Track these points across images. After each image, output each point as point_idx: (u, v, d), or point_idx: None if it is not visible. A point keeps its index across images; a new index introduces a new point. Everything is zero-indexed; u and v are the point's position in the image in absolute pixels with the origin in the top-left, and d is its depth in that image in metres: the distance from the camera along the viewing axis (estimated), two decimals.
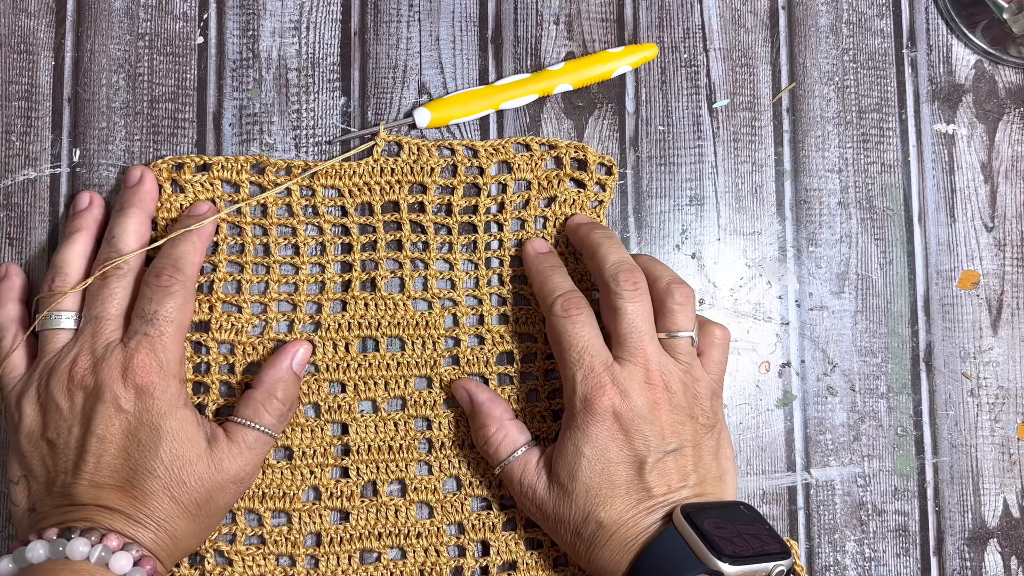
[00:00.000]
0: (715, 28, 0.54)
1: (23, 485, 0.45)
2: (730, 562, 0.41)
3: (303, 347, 0.49)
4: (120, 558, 0.40)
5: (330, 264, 0.51)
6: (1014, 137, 0.55)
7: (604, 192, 0.52)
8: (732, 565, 0.41)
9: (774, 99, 0.54)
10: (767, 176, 0.53)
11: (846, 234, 0.53)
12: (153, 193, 0.49)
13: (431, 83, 0.53)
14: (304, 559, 0.49)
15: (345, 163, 0.51)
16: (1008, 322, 0.54)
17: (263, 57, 0.52)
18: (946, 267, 0.54)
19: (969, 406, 0.53)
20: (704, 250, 0.53)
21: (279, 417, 0.47)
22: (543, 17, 0.53)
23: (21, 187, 0.51)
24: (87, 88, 0.51)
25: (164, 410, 0.44)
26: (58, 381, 0.44)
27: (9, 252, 0.51)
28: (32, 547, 0.40)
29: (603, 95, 0.53)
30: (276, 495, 0.49)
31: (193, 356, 0.49)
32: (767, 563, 0.42)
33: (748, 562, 0.41)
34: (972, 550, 0.52)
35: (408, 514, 0.50)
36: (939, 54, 0.55)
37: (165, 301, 0.45)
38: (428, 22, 0.53)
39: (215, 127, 0.52)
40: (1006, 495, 0.53)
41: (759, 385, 0.52)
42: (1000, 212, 0.54)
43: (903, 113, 0.54)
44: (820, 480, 0.52)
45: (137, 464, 0.43)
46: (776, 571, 0.42)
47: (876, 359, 0.53)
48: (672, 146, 0.53)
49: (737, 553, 0.41)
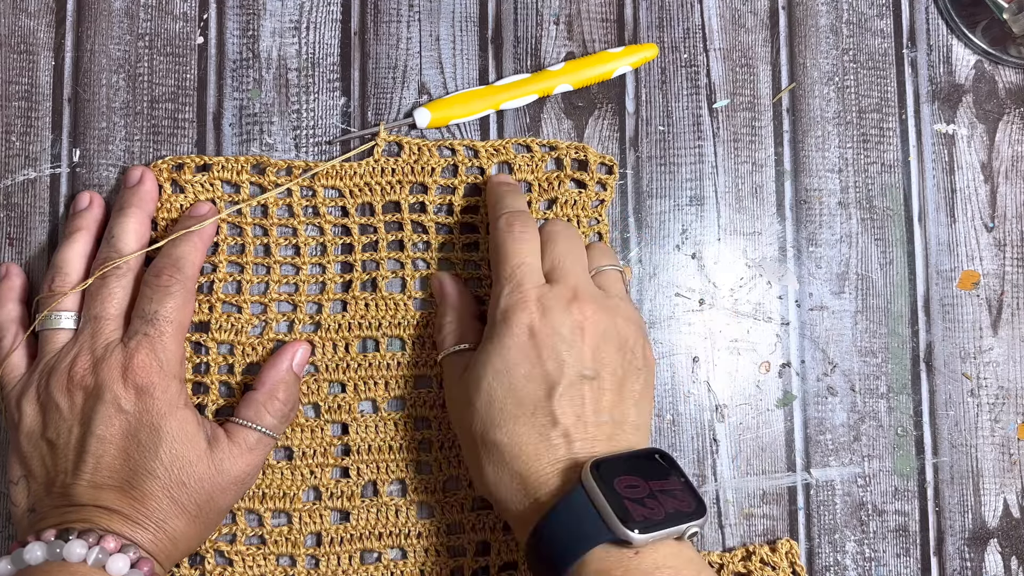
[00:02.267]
0: (715, 28, 0.54)
1: (23, 485, 0.45)
2: (640, 529, 0.38)
3: (302, 347, 0.49)
4: (117, 560, 0.40)
5: (331, 264, 0.51)
6: (1014, 137, 0.55)
7: (605, 191, 0.52)
8: (642, 532, 0.38)
9: (774, 99, 0.54)
10: (767, 176, 0.53)
11: (846, 234, 0.53)
12: (153, 193, 0.49)
13: (431, 83, 0.52)
14: (304, 559, 0.49)
15: (346, 163, 0.51)
16: (1008, 322, 0.54)
17: (263, 57, 0.52)
18: (946, 267, 0.54)
19: (969, 406, 0.53)
20: (704, 250, 0.53)
21: (280, 418, 0.47)
22: (543, 17, 0.53)
23: (21, 187, 0.51)
24: (87, 88, 0.51)
25: (164, 410, 0.44)
26: (58, 381, 0.44)
27: (9, 252, 0.51)
28: (30, 549, 0.40)
29: (603, 95, 0.53)
30: (276, 495, 0.49)
31: (193, 356, 0.49)
32: (680, 525, 0.40)
33: (660, 527, 0.39)
34: (972, 550, 0.52)
35: (408, 514, 0.50)
36: (939, 54, 0.55)
37: (165, 301, 0.45)
38: (428, 22, 0.53)
39: (215, 127, 0.51)
40: (1006, 495, 0.53)
41: (759, 385, 0.52)
42: (1000, 212, 0.54)
43: (903, 113, 0.54)
44: (820, 480, 0.52)
45: (137, 465, 0.43)
46: (689, 533, 0.40)
47: (876, 359, 0.53)
48: (672, 146, 0.53)
49: (649, 517, 0.39)
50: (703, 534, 0.51)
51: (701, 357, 0.52)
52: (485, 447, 0.43)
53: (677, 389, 0.52)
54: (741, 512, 0.51)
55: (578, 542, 0.39)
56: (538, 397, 0.43)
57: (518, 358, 0.43)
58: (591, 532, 0.39)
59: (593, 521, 0.39)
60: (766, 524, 0.52)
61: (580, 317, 0.44)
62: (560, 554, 0.39)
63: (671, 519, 0.40)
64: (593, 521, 0.39)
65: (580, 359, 0.43)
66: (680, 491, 0.41)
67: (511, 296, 0.44)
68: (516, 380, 0.43)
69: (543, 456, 0.42)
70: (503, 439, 0.42)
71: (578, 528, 0.39)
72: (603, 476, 0.40)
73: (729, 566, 0.50)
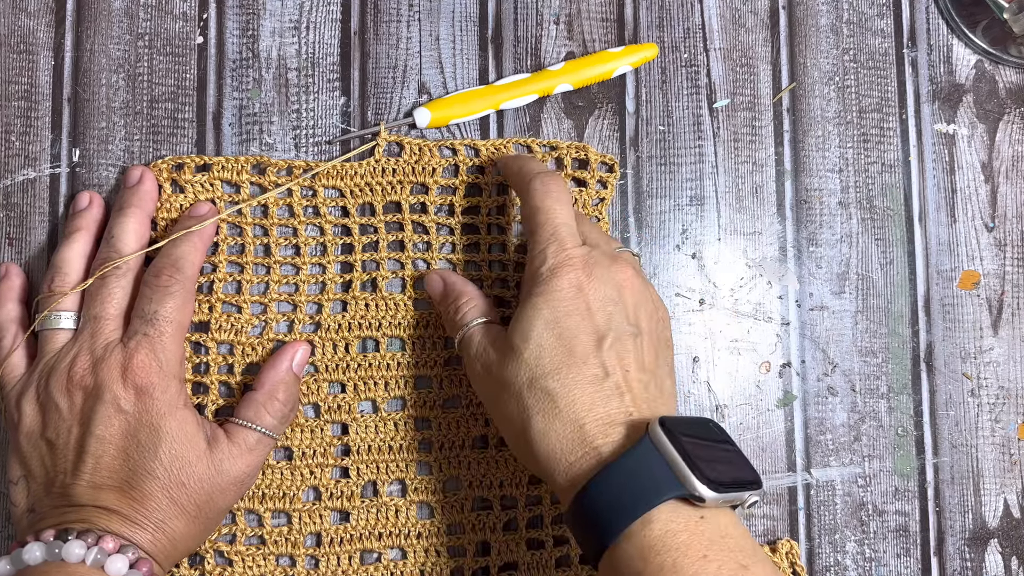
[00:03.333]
0: (715, 28, 0.54)
1: (22, 485, 0.44)
2: (712, 487, 0.37)
3: (302, 348, 0.49)
4: (116, 561, 0.40)
5: (331, 264, 0.50)
6: (1014, 137, 0.55)
7: (606, 190, 0.52)
8: (713, 491, 0.37)
9: (774, 99, 0.54)
10: (767, 176, 0.53)
11: (846, 234, 0.53)
12: (153, 193, 0.49)
13: (431, 83, 0.52)
14: (304, 559, 0.49)
15: (346, 163, 0.51)
16: (1008, 322, 0.54)
17: (263, 57, 0.52)
18: (946, 267, 0.54)
19: (969, 406, 0.53)
20: (704, 250, 0.53)
21: (280, 419, 0.47)
22: (543, 17, 0.53)
23: (21, 187, 0.51)
24: (87, 88, 0.51)
25: (164, 411, 0.44)
26: (57, 381, 0.44)
27: (9, 252, 0.50)
28: (29, 549, 0.40)
29: (603, 95, 0.53)
30: (276, 495, 0.49)
31: (192, 356, 0.49)
32: (743, 492, 0.39)
33: (727, 490, 0.38)
34: (973, 550, 0.52)
35: (408, 514, 0.49)
36: (939, 54, 0.55)
37: (165, 301, 0.45)
38: (428, 22, 0.53)
39: (215, 127, 0.51)
40: (1007, 495, 0.53)
41: (759, 385, 0.52)
42: (1000, 212, 0.54)
43: (903, 113, 0.54)
44: (820, 480, 0.52)
45: (136, 465, 0.43)
46: (751, 502, 0.39)
47: (876, 359, 0.53)
48: (672, 146, 0.53)
49: (717, 479, 0.38)
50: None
51: (701, 357, 0.52)
52: (535, 396, 0.41)
53: (677, 389, 0.52)
54: (741, 512, 0.51)
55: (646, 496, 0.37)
56: (588, 347, 0.42)
57: (569, 308, 0.43)
58: (662, 484, 0.37)
59: (664, 473, 0.37)
60: (766, 524, 0.52)
61: (622, 277, 0.44)
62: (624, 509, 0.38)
63: (737, 483, 0.39)
64: (664, 473, 0.37)
65: (625, 315, 0.43)
66: (738, 460, 0.40)
67: (557, 255, 0.44)
68: (568, 329, 0.42)
69: (598, 406, 0.41)
70: (556, 387, 0.41)
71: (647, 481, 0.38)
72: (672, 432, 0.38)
73: None
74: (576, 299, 0.43)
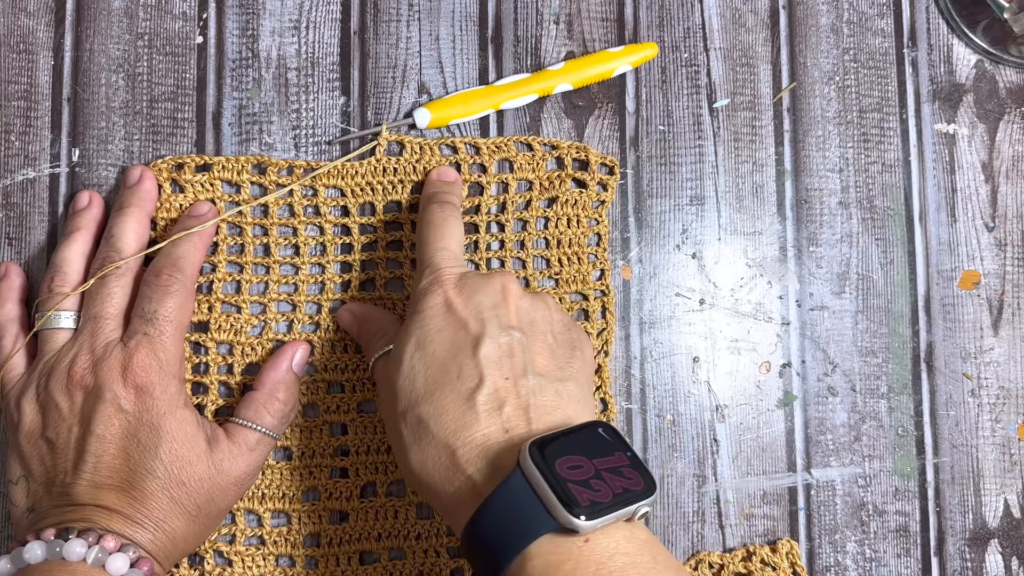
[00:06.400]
0: (715, 27, 0.54)
1: (22, 485, 0.44)
2: (587, 515, 0.35)
3: (301, 348, 0.49)
4: (116, 559, 0.40)
5: (330, 264, 0.50)
6: (1015, 137, 0.55)
7: (606, 192, 0.52)
8: (589, 518, 0.35)
9: (775, 99, 0.54)
10: (768, 176, 0.53)
11: (847, 234, 0.53)
12: (152, 193, 0.49)
13: (431, 83, 0.52)
14: (303, 560, 0.49)
15: (347, 163, 0.51)
16: (1009, 322, 0.54)
17: (263, 57, 0.52)
18: (947, 267, 0.54)
19: (970, 406, 0.53)
20: (704, 250, 0.53)
21: (280, 418, 0.47)
22: (543, 17, 0.53)
23: (20, 187, 0.51)
24: (86, 88, 0.51)
25: (164, 410, 0.44)
26: (57, 381, 0.44)
27: (9, 252, 0.50)
28: (29, 548, 0.40)
29: (603, 95, 0.53)
30: (276, 496, 0.49)
31: (192, 356, 0.49)
32: (629, 506, 0.36)
33: (608, 510, 0.36)
34: (973, 551, 0.52)
35: (407, 515, 0.49)
36: (940, 54, 0.55)
37: (165, 301, 0.45)
38: (428, 22, 0.53)
39: (214, 127, 0.51)
40: (1007, 495, 0.53)
41: (760, 385, 0.52)
42: (1001, 212, 0.54)
43: (904, 113, 0.54)
44: (821, 480, 0.52)
45: (137, 464, 0.43)
46: (640, 514, 0.37)
47: (877, 359, 0.53)
48: (672, 146, 0.53)
49: (595, 500, 0.35)
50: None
51: (701, 357, 0.52)
52: (408, 427, 0.40)
53: (677, 389, 0.52)
54: (741, 512, 0.51)
55: (520, 534, 0.36)
56: (464, 357, 0.40)
57: (440, 324, 0.41)
58: (533, 522, 0.35)
59: (535, 509, 0.35)
60: (766, 524, 0.52)
61: (500, 285, 0.42)
62: (501, 548, 0.36)
63: (620, 500, 0.36)
64: (535, 509, 0.35)
65: (506, 315, 0.41)
66: (627, 468, 0.38)
67: (429, 277, 0.43)
68: (439, 346, 0.40)
69: (471, 427, 0.38)
70: (427, 411, 0.39)
71: (519, 518, 0.36)
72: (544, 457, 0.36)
73: (729, 566, 0.50)
74: (446, 315, 0.41)
